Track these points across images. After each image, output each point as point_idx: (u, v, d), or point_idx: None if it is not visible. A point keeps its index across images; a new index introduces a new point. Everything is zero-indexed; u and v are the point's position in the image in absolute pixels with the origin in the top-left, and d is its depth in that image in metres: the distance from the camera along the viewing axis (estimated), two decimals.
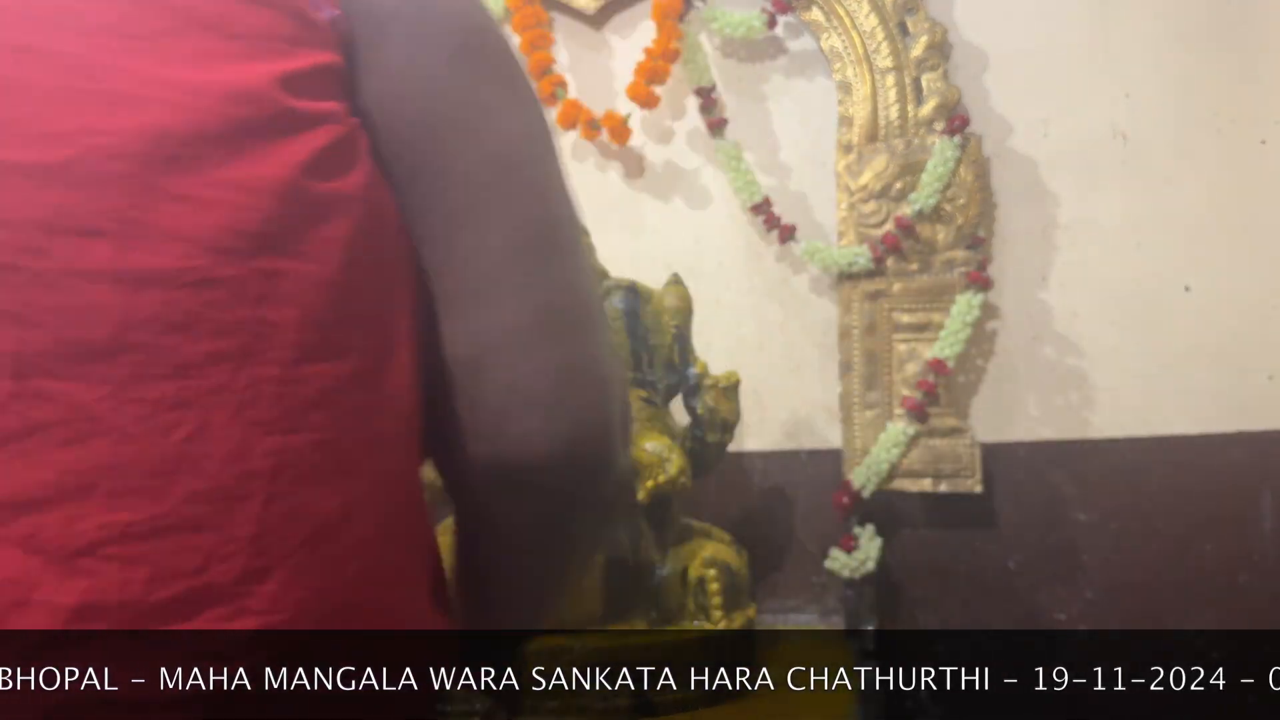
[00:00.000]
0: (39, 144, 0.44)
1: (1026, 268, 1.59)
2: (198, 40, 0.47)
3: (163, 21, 0.47)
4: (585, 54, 1.72)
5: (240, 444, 0.44)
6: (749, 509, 1.63)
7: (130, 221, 0.44)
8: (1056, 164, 1.58)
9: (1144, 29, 1.56)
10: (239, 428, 0.44)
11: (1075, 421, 1.57)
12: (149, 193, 0.44)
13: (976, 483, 1.51)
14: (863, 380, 1.54)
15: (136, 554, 0.42)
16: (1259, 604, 1.50)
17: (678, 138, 1.70)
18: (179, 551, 0.43)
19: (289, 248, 0.46)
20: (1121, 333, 1.56)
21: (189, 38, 0.47)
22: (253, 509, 0.44)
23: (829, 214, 1.62)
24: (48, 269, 0.43)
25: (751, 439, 1.66)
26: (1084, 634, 1.54)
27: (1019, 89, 1.59)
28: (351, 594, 0.48)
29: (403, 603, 0.52)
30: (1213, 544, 1.52)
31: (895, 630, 1.56)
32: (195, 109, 0.45)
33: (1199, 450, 1.53)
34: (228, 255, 0.45)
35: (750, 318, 1.67)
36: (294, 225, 0.46)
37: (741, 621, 1.26)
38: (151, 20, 0.47)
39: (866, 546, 1.52)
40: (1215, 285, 1.54)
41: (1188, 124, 1.54)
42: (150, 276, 0.44)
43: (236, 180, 0.45)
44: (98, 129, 0.44)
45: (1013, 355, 1.59)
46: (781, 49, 1.67)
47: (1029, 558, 1.57)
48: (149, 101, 0.45)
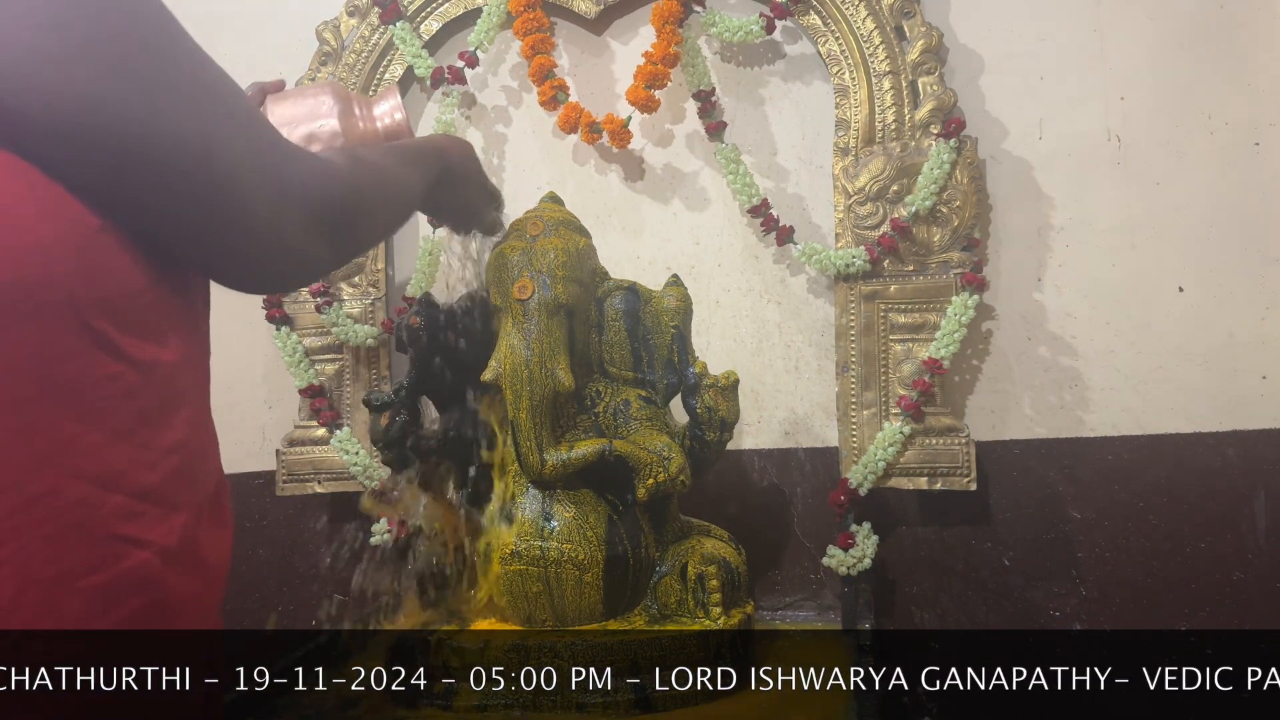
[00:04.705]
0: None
1: (1021, 269, 1.60)
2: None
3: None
4: (586, 58, 1.73)
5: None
6: (747, 507, 1.65)
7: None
8: (1051, 166, 1.59)
9: (1138, 32, 1.57)
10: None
11: (1070, 420, 1.59)
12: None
13: (972, 481, 1.52)
14: (859, 380, 1.56)
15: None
16: (1253, 602, 1.51)
17: (677, 141, 1.71)
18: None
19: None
20: (1115, 333, 1.58)
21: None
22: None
23: (826, 216, 1.63)
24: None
25: (750, 438, 1.67)
26: (1079, 631, 1.56)
27: (1014, 92, 1.60)
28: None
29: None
30: (1207, 542, 1.54)
31: (891, 628, 1.58)
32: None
33: (1193, 449, 1.55)
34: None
35: (749, 318, 1.68)
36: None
37: (740, 618, 1.27)
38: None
39: (863, 544, 1.53)
40: (1209, 286, 1.55)
41: (1181, 126, 1.56)
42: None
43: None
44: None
45: (1008, 355, 1.61)
46: (779, 53, 1.68)
47: (1024, 555, 1.58)
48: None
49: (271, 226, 0.63)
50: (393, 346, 1.68)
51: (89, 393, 0.56)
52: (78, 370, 0.56)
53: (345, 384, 1.71)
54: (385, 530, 1.67)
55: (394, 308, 1.71)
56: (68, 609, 0.55)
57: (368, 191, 0.77)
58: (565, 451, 1.25)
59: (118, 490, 0.57)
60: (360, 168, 0.77)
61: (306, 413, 1.70)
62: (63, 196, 0.55)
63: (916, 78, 1.55)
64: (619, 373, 1.35)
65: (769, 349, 1.68)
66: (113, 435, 0.57)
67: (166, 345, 0.61)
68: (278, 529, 1.79)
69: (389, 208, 0.85)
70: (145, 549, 0.58)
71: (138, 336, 0.59)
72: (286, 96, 1.04)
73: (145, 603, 0.58)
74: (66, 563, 0.55)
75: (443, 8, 1.71)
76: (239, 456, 1.75)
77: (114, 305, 0.57)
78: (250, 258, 0.65)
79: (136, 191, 0.58)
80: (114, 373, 0.57)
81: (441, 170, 1.00)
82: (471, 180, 1.10)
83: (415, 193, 0.94)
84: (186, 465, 0.62)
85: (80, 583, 0.55)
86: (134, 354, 0.58)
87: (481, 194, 1.15)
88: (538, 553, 1.24)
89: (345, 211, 0.71)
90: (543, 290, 1.26)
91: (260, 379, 1.81)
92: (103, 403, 0.57)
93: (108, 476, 0.57)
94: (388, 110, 1.08)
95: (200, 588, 0.63)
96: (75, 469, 0.55)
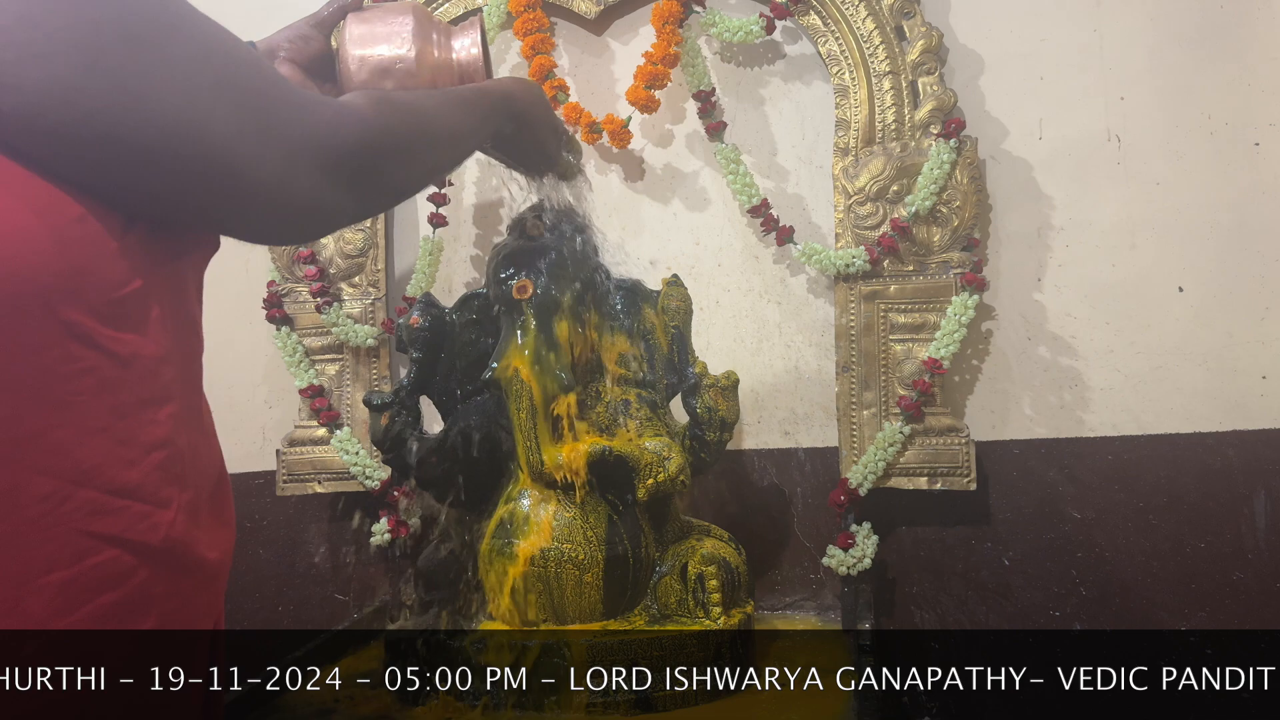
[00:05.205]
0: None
1: (1021, 269, 1.60)
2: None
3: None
4: (586, 59, 1.73)
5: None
6: (747, 507, 1.65)
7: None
8: (1051, 166, 1.60)
9: (1137, 33, 1.57)
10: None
11: (1070, 420, 1.59)
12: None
13: (971, 481, 1.52)
14: (859, 380, 1.56)
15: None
16: (1252, 602, 1.52)
17: (677, 141, 1.71)
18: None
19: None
20: (1115, 333, 1.58)
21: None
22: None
23: (826, 216, 1.63)
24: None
25: (750, 438, 1.67)
26: (1079, 631, 1.56)
27: (1014, 92, 1.60)
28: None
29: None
30: (1206, 542, 1.54)
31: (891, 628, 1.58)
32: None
33: (1193, 449, 1.55)
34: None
35: (749, 318, 1.69)
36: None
37: (740, 618, 1.27)
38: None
39: (863, 544, 1.53)
40: (1208, 286, 1.55)
41: (1181, 127, 1.56)
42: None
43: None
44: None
45: (1007, 355, 1.61)
46: (779, 53, 1.68)
47: (1024, 555, 1.59)
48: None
49: (282, 185, 0.62)
50: (393, 346, 1.69)
51: (59, 386, 0.55)
52: (46, 362, 0.54)
53: (345, 384, 1.71)
54: (385, 530, 1.67)
55: (394, 308, 1.72)
56: (31, 605, 0.54)
57: (400, 135, 0.74)
58: (565, 452, 1.25)
59: (90, 486, 0.56)
60: (392, 111, 0.74)
61: (306, 413, 1.71)
62: (37, 184, 0.54)
63: (916, 78, 1.55)
64: (619, 372, 1.35)
65: (769, 349, 1.68)
66: (85, 430, 0.56)
67: (150, 338, 0.60)
68: (278, 529, 1.79)
69: (432, 150, 0.81)
70: (117, 546, 0.57)
71: (117, 329, 0.58)
72: (367, 17, 1.00)
73: (115, 600, 0.57)
74: (28, 559, 0.54)
75: (443, 8, 1.71)
76: (239, 456, 1.75)
77: (90, 296, 0.56)
78: (265, 218, 0.64)
79: (126, 178, 0.57)
80: (88, 366, 0.56)
81: (507, 115, 0.97)
82: (542, 124, 1.06)
83: (468, 136, 0.91)
84: (173, 462, 0.61)
85: (42, 579, 0.54)
86: (111, 347, 0.57)
87: (554, 137, 1.11)
88: (538, 553, 1.24)
89: (367, 157, 0.69)
90: (542, 290, 1.26)
91: (260, 379, 1.81)
92: (73, 397, 0.55)
93: (79, 472, 0.56)
94: (465, 45, 1.03)
95: (190, 587, 0.63)
96: (40, 464, 0.54)
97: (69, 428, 0.55)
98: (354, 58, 0.97)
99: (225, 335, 1.73)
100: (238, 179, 0.60)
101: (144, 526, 0.58)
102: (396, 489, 1.66)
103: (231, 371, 1.78)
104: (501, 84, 1.00)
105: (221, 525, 0.67)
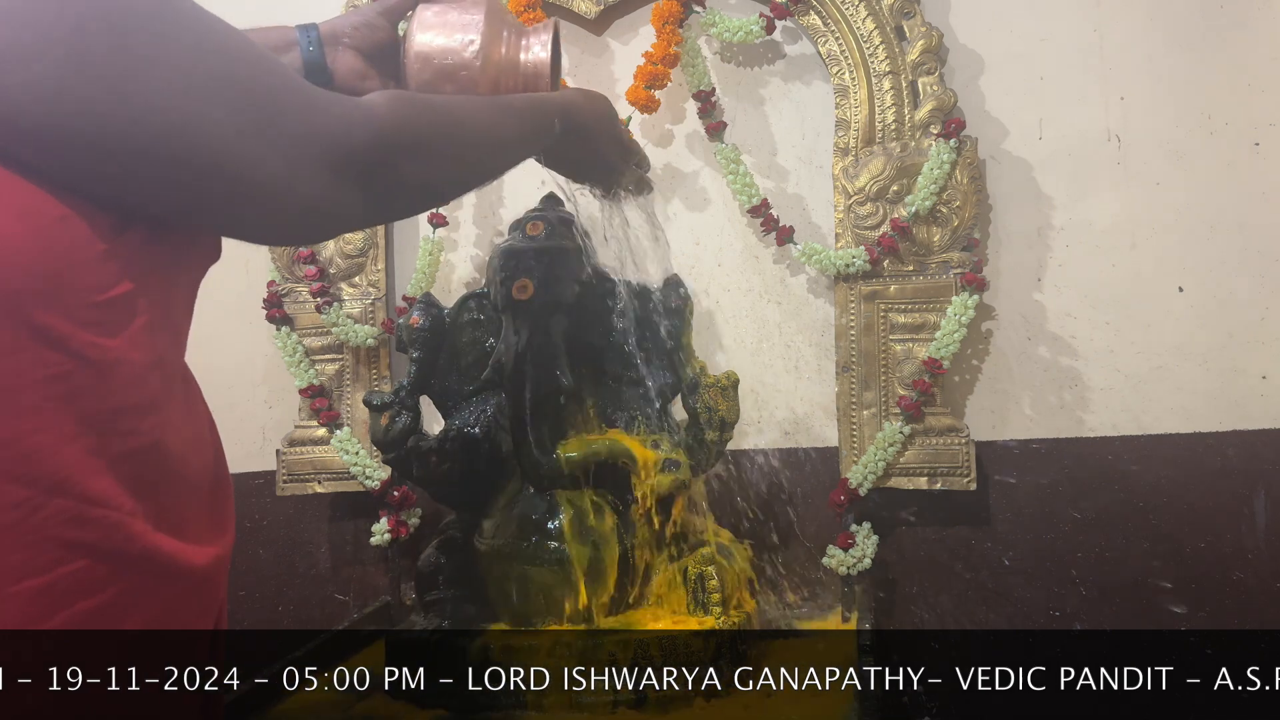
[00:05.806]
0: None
1: (1021, 269, 1.60)
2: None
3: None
4: (586, 58, 1.73)
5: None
6: (748, 506, 1.65)
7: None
8: (1051, 166, 1.59)
9: (1137, 32, 1.57)
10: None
11: (1069, 420, 1.59)
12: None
13: (972, 481, 1.52)
14: (859, 380, 1.56)
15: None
16: (1253, 602, 1.52)
17: (677, 141, 1.71)
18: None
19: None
20: (1115, 333, 1.58)
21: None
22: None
23: (826, 216, 1.63)
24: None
25: (750, 438, 1.67)
26: (1079, 631, 1.56)
27: (1014, 92, 1.60)
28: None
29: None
30: (1207, 542, 1.54)
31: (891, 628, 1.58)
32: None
33: (1193, 449, 1.55)
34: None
35: (748, 318, 1.69)
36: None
37: (740, 618, 1.28)
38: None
39: (863, 544, 1.53)
40: (1208, 286, 1.55)
41: (1181, 126, 1.56)
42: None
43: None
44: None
45: (1007, 355, 1.61)
46: (779, 53, 1.68)
47: (1023, 555, 1.59)
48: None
49: (285, 185, 0.61)
50: (393, 346, 1.68)
51: (29, 392, 0.54)
52: (16, 368, 0.53)
53: (345, 384, 1.71)
54: (385, 530, 1.67)
55: (394, 308, 1.72)
56: (4, 612, 0.53)
57: (420, 133, 0.72)
58: (565, 451, 1.25)
59: (63, 494, 0.55)
60: (412, 109, 0.72)
61: (306, 413, 1.71)
62: (17, 185, 0.53)
63: (916, 78, 1.55)
64: (619, 372, 1.35)
65: (769, 349, 1.68)
66: (59, 437, 0.55)
67: (135, 344, 0.58)
68: (278, 529, 1.79)
69: (462, 152, 0.79)
70: (92, 554, 0.56)
71: (96, 334, 0.56)
72: (439, 7, 0.95)
73: (93, 607, 0.56)
74: (1, 566, 0.53)
75: None
76: (239, 456, 1.75)
77: (69, 299, 0.55)
78: (269, 219, 0.64)
79: (117, 179, 0.56)
80: (61, 371, 0.54)
81: (567, 126, 0.93)
82: (605, 138, 1.01)
83: (511, 144, 0.87)
84: (156, 468, 0.60)
85: (15, 586, 0.53)
86: (87, 353, 0.55)
87: (619, 151, 1.05)
88: (538, 552, 1.24)
89: (379, 155, 0.67)
90: (542, 290, 1.26)
91: (260, 379, 1.81)
92: (45, 402, 0.54)
93: (52, 479, 0.54)
94: (535, 48, 0.97)
95: (178, 592, 0.62)
96: (12, 472, 0.53)
97: (43, 435, 0.54)
98: (418, 46, 0.92)
99: (225, 335, 1.73)
100: (238, 179, 0.59)
101: (120, 535, 0.57)
102: (396, 489, 1.66)
103: (231, 371, 1.78)
104: (564, 95, 0.96)
105: (218, 528, 0.66)
